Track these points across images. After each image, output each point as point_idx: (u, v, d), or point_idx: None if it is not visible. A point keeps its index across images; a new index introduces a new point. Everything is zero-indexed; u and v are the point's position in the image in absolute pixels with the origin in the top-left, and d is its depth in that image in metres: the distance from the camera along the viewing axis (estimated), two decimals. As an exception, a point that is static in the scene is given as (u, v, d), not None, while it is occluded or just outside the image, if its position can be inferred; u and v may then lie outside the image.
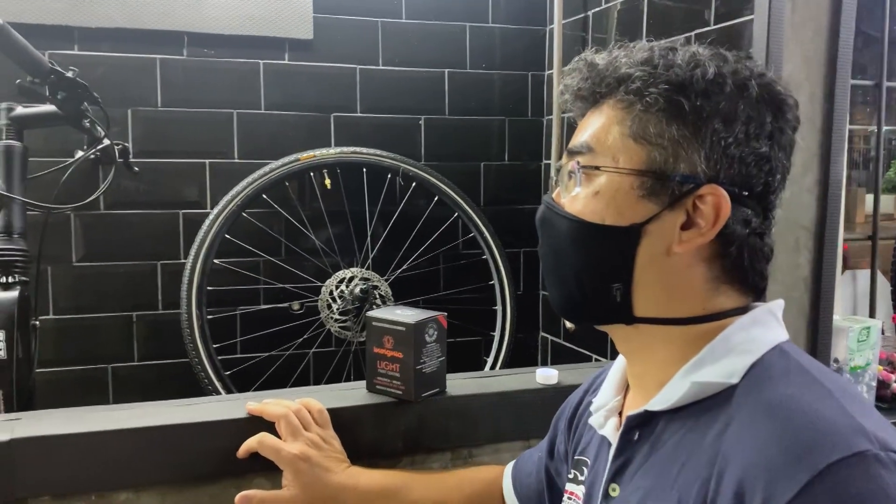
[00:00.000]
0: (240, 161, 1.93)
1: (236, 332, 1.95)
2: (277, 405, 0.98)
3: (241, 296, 1.94)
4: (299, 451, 0.92)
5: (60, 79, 1.33)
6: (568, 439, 0.83)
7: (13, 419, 0.99)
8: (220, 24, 1.88)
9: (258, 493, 0.93)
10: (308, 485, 0.92)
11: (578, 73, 0.70)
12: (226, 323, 1.92)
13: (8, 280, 1.31)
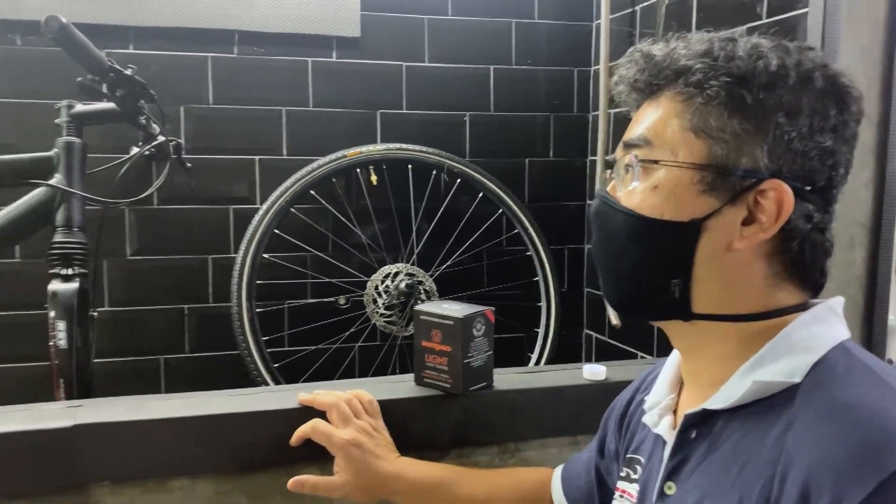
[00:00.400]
0: (288, 157, 1.96)
1: (284, 325, 1.98)
2: (328, 395, 1.00)
3: (288, 290, 1.97)
4: (351, 438, 0.94)
5: (119, 77, 1.37)
6: (619, 438, 0.82)
7: (75, 406, 1.02)
8: (269, 22, 1.91)
9: (311, 477, 0.95)
10: (360, 471, 0.93)
11: (635, 64, 0.69)
12: (274, 316, 1.96)
13: (68, 272, 1.36)
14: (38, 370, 1.83)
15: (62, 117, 1.44)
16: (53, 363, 1.32)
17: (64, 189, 1.38)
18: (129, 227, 1.88)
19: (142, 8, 1.83)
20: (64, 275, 1.35)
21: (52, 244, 1.37)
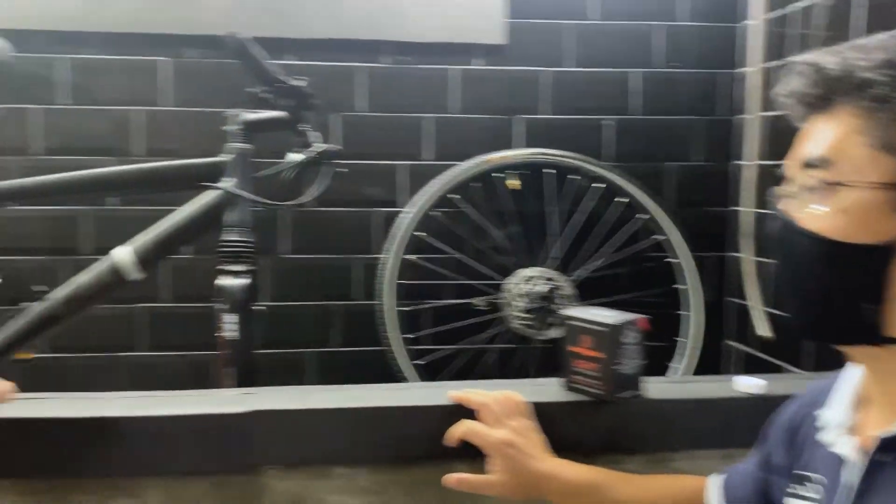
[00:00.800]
0: (431, 162, 2.02)
1: (424, 324, 2.04)
2: (481, 394, 1.04)
3: (428, 290, 2.04)
4: (506, 438, 0.97)
5: (288, 88, 1.48)
6: (786, 452, 0.80)
7: (248, 393, 1.11)
8: (418, 32, 1.98)
9: (469, 476, 0.99)
10: (515, 470, 0.96)
11: (802, 76, 0.66)
12: (414, 315, 2.03)
13: (236, 269, 1.47)
14: (197, 358, 2.00)
15: (232, 125, 1.56)
16: (221, 353, 1.43)
17: (234, 192, 1.50)
18: (283, 228, 2.00)
19: (300, 22, 1.95)
20: (232, 271, 1.46)
21: (222, 242, 1.49)
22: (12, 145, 1.91)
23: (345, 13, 1.96)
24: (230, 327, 1.42)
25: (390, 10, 1.96)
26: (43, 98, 1.93)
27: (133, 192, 1.82)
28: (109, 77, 1.95)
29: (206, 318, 1.98)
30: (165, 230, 1.48)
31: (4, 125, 1.91)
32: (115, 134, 1.95)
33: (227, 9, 1.91)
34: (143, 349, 2.02)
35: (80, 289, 1.48)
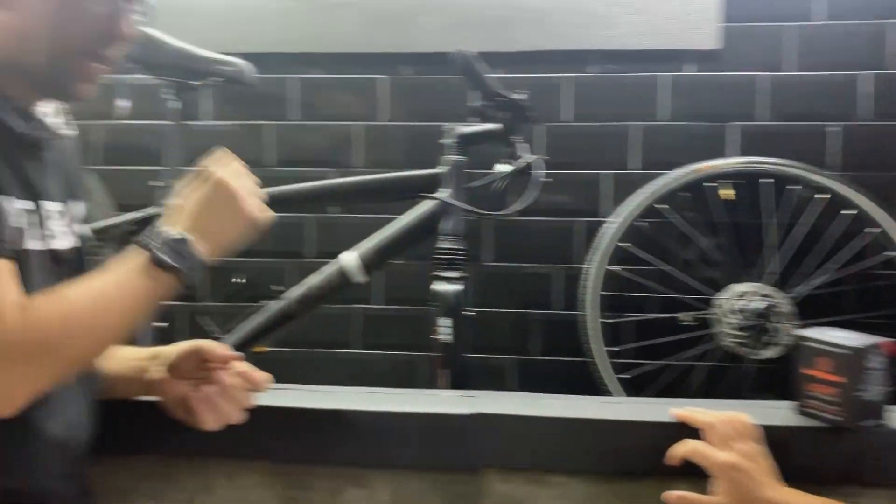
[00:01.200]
0: (636, 171, 1.99)
1: (628, 337, 2.01)
2: (706, 414, 1.00)
3: (631, 303, 2.00)
4: (733, 461, 0.93)
5: (506, 101, 1.52)
6: None
7: (470, 396, 1.15)
8: (626, 40, 1.96)
9: (691, 495, 0.96)
10: (741, 495, 0.92)
11: None
12: (618, 328, 2.00)
13: (451, 275, 1.53)
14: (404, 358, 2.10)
15: (449, 138, 1.63)
16: (437, 355, 1.50)
17: (448, 202, 1.56)
18: (487, 237, 2.06)
19: (509, 36, 2.00)
20: (447, 277, 1.53)
21: (437, 250, 1.56)
22: (249, 157, 2.10)
23: (552, 25, 1.98)
24: (445, 331, 1.48)
25: (598, 19, 1.96)
26: (275, 114, 2.12)
27: (356, 202, 1.95)
28: (333, 94, 2.11)
29: (413, 321, 2.10)
30: (388, 237, 1.58)
31: (243, 139, 2.12)
32: (337, 147, 2.11)
33: (440, 27, 2.01)
34: (358, 347, 2.15)
35: (311, 289, 1.61)
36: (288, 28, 2.06)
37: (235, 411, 0.94)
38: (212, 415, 0.93)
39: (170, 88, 1.80)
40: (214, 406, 0.93)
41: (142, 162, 2.12)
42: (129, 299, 0.82)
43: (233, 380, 0.94)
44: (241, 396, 0.94)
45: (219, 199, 0.88)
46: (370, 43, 2.05)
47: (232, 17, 2.06)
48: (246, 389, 0.95)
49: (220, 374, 0.95)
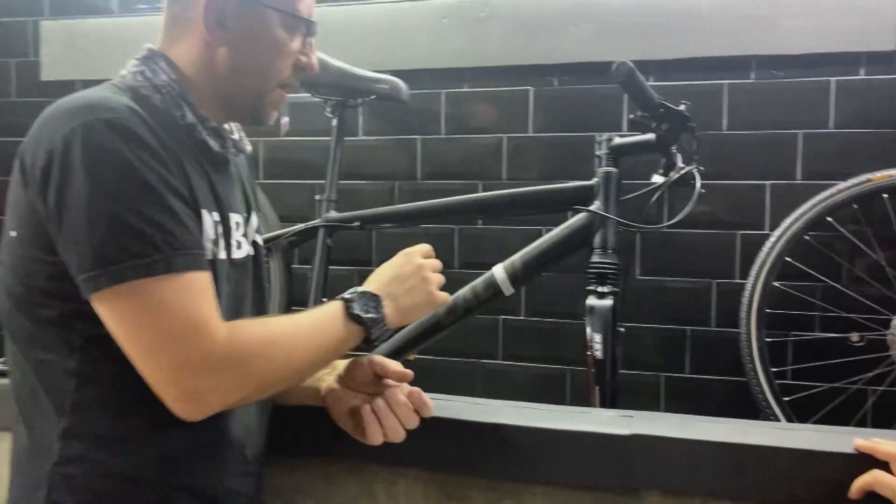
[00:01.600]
0: (802, 182, 1.88)
1: (788, 357, 1.90)
2: (891, 445, 0.93)
3: (795, 321, 1.89)
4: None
5: (668, 112, 1.48)
6: None
7: (627, 416, 1.12)
8: (789, 44, 1.86)
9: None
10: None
11: None
12: (777, 347, 1.89)
13: (604, 290, 1.50)
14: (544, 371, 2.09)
15: (602, 149, 1.61)
16: (590, 371, 1.47)
17: (602, 215, 1.54)
18: (638, 249, 2.01)
19: (661, 43, 1.94)
20: (600, 292, 1.50)
21: (590, 264, 1.54)
22: (402, 171, 2.19)
23: (709, 31, 1.91)
24: (597, 347, 1.46)
25: (760, 23, 1.87)
26: (423, 129, 2.18)
27: (507, 215, 1.96)
28: (480, 107, 2.13)
29: (553, 334, 2.08)
30: (539, 250, 1.57)
31: (397, 153, 2.19)
32: (484, 160, 2.13)
33: (590, 37, 1.98)
34: (500, 358, 2.16)
35: (460, 300, 1.63)
36: (437, 44, 2.11)
37: (400, 429, 0.96)
38: (377, 429, 0.95)
39: (331, 107, 1.89)
40: (381, 421, 0.95)
41: (301, 176, 2.24)
42: (323, 341, 0.90)
43: (403, 398, 0.97)
44: (408, 416, 0.96)
45: (414, 279, 0.99)
46: (518, 55, 2.05)
47: (384, 36, 2.13)
48: (413, 411, 0.97)
49: (392, 391, 0.97)
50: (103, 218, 0.78)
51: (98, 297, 0.79)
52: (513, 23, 2.04)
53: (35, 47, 2.47)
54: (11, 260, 0.86)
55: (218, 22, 0.93)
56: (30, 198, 0.82)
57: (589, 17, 1.99)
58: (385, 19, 2.14)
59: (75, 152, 0.78)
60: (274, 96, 0.98)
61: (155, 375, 0.80)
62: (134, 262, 0.77)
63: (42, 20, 2.45)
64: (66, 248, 0.80)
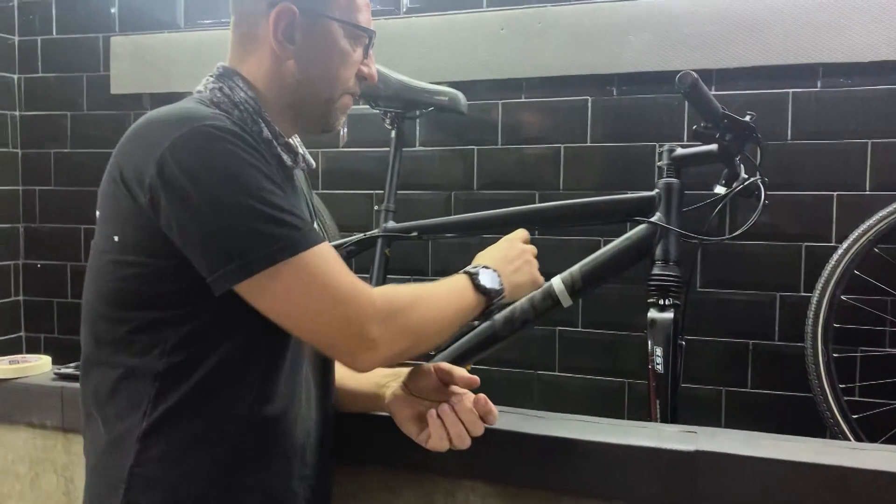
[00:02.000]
0: (871, 193, 1.82)
1: (857, 374, 1.84)
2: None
3: (864, 336, 1.83)
4: None
5: (732, 123, 1.46)
6: None
7: (690, 432, 1.11)
8: (857, 52, 1.81)
9: None
10: None
11: None
12: (845, 363, 1.83)
13: (665, 302, 1.48)
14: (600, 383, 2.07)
15: (663, 160, 1.59)
16: (651, 385, 1.45)
17: (664, 226, 1.52)
18: (700, 261, 1.97)
19: (723, 52, 1.91)
20: (661, 305, 1.48)
21: (651, 276, 1.52)
22: (458, 181, 2.20)
23: (774, 39, 1.86)
24: (658, 360, 1.44)
25: (827, 31, 1.82)
26: (480, 139, 2.18)
27: (566, 226, 1.95)
28: (536, 117, 2.12)
29: (611, 346, 2.06)
30: (599, 262, 1.56)
31: (454, 164, 2.20)
32: (540, 170, 2.12)
33: (650, 46, 1.96)
34: (556, 369, 2.15)
35: (517, 312, 1.62)
36: (495, 55, 2.11)
37: (466, 436, 0.96)
38: (443, 435, 0.96)
39: (390, 118, 1.92)
40: (447, 428, 0.96)
41: (359, 186, 2.27)
42: (457, 304, 0.98)
43: (469, 405, 0.97)
44: (474, 423, 0.97)
45: (519, 261, 1.07)
46: (576, 65, 2.04)
47: (442, 47, 2.15)
48: (479, 417, 0.97)
49: (458, 398, 0.98)
50: (240, 210, 0.82)
51: (251, 283, 0.82)
52: (570, 33, 2.03)
53: (105, 62, 2.56)
54: (105, 265, 0.89)
55: (286, 36, 0.97)
56: (137, 206, 0.85)
57: (649, 26, 1.96)
58: (443, 31, 2.15)
59: (191, 156, 0.82)
60: (342, 103, 1.03)
61: (329, 336, 0.87)
62: (281, 244, 0.82)
63: (112, 36, 2.55)
64: (198, 246, 0.83)
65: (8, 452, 1.45)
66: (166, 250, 0.84)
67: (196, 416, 0.88)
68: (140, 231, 0.85)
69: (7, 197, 2.67)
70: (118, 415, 0.89)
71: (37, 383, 1.40)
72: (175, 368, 0.87)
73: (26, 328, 2.73)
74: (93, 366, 0.92)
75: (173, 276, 0.85)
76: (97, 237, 0.92)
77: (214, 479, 0.89)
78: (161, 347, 0.87)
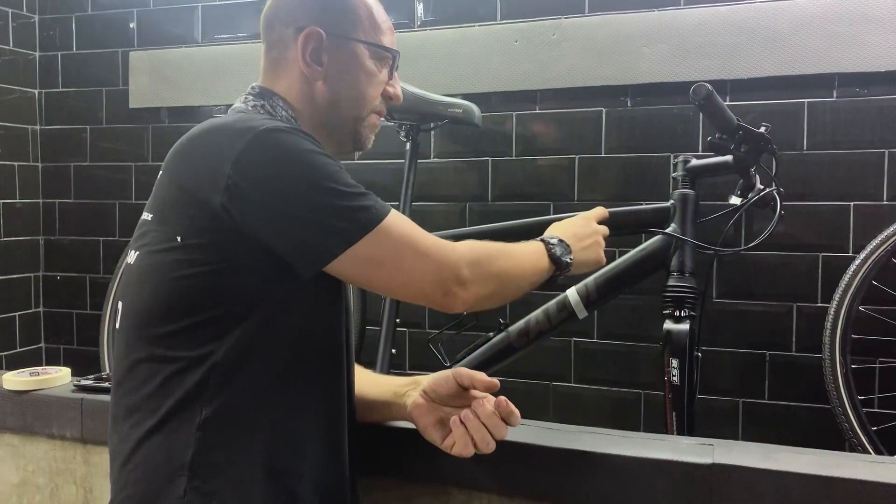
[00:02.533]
0: (889, 203, 1.81)
1: (875, 385, 1.82)
2: None
3: (881, 347, 1.81)
4: None
5: (748, 134, 1.46)
6: None
7: (707, 444, 1.10)
8: (873, 61, 1.80)
9: None
10: None
11: None
12: (864, 374, 1.82)
13: (680, 314, 1.48)
14: (614, 395, 2.07)
15: (678, 171, 1.59)
16: (667, 397, 1.45)
17: (679, 237, 1.52)
18: (715, 271, 1.96)
19: (738, 63, 1.91)
20: (676, 316, 1.48)
21: (667, 287, 1.52)
22: (473, 192, 2.20)
23: (788, 49, 1.86)
24: (675, 372, 1.43)
25: (842, 40, 1.82)
26: (496, 150, 2.19)
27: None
28: (550, 129, 2.13)
29: (627, 357, 2.06)
30: (615, 273, 1.56)
31: (468, 175, 2.21)
32: (554, 181, 2.12)
33: (665, 57, 1.96)
34: (572, 381, 2.14)
35: (532, 323, 1.63)
36: (509, 67, 2.12)
37: (490, 440, 0.96)
38: (467, 441, 0.96)
39: (405, 131, 1.93)
40: (471, 433, 0.96)
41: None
42: (533, 264, 1.07)
43: (491, 408, 0.97)
44: (497, 426, 0.97)
45: (589, 240, 1.18)
46: (590, 76, 2.05)
47: (456, 60, 2.16)
48: (501, 420, 0.97)
49: (480, 402, 0.98)
50: (327, 193, 0.88)
51: (350, 254, 0.89)
52: (585, 45, 2.04)
53: (124, 77, 2.60)
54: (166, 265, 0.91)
55: (314, 58, 1.02)
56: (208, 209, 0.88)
57: (663, 37, 1.97)
58: (457, 44, 2.17)
59: (267, 153, 0.88)
60: (370, 121, 1.08)
61: (424, 284, 0.94)
62: (367, 214, 0.90)
63: (131, 51, 2.58)
64: (288, 234, 0.88)
65: (28, 464, 1.47)
66: (236, 250, 0.88)
67: (254, 402, 0.91)
68: (207, 233, 0.89)
69: (27, 210, 2.71)
70: (174, 406, 0.90)
71: (57, 395, 1.41)
72: (234, 357, 0.90)
73: (46, 339, 2.76)
74: (142, 361, 0.93)
75: (238, 275, 0.89)
76: (150, 239, 0.94)
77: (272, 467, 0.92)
78: (220, 342, 0.89)
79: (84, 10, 2.66)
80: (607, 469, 1.06)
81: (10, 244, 2.64)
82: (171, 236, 0.91)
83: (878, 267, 1.69)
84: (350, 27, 1.03)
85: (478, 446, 0.96)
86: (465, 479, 1.11)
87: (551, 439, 1.10)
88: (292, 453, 0.94)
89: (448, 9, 2.20)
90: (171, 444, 0.90)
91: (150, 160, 2.59)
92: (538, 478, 1.09)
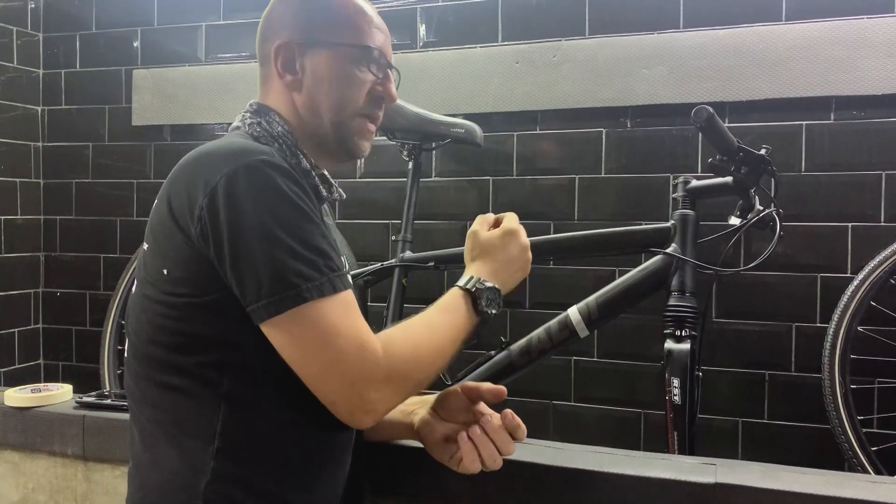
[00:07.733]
0: (886, 224, 1.83)
1: (874, 405, 1.83)
2: None
3: (880, 367, 1.82)
4: None
5: (747, 156, 1.47)
6: None
7: (709, 463, 1.11)
8: (870, 85, 1.83)
9: None
10: None
11: None
12: (863, 395, 1.82)
13: (681, 333, 1.49)
14: (615, 413, 2.07)
15: (678, 191, 1.60)
16: (668, 416, 1.45)
17: (679, 257, 1.53)
18: (715, 291, 1.98)
19: (737, 85, 1.93)
20: (677, 335, 1.49)
21: (667, 307, 1.52)
22: (474, 211, 2.19)
23: (786, 72, 1.89)
24: (676, 391, 1.44)
25: (839, 64, 1.84)
26: (497, 170, 2.20)
27: (582, 256, 1.96)
28: (551, 149, 2.15)
29: (627, 376, 2.06)
30: (616, 293, 1.57)
31: (470, 194, 2.22)
32: (554, 201, 2.14)
33: (664, 79, 1.99)
34: (572, 399, 2.14)
35: (534, 342, 1.63)
36: (510, 88, 2.14)
37: (497, 456, 0.96)
38: (475, 457, 0.96)
39: (407, 150, 1.94)
40: (478, 449, 0.96)
41: (377, 216, 2.30)
42: (456, 333, 0.97)
43: (499, 423, 0.97)
44: (505, 442, 0.97)
45: (520, 261, 1.05)
46: (591, 97, 2.07)
47: (458, 80, 2.18)
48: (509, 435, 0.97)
49: (487, 418, 0.97)
50: (275, 247, 0.83)
51: (274, 322, 0.83)
52: (585, 66, 2.07)
53: (127, 94, 2.62)
54: (161, 297, 0.90)
55: (287, 69, 1.01)
56: (187, 238, 0.87)
57: (663, 59, 1.99)
58: (459, 64, 2.19)
59: (242, 189, 0.84)
60: (354, 126, 1.03)
61: (332, 392, 0.86)
62: (308, 286, 0.83)
63: (134, 69, 2.60)
64: (237, 278, 0.84)
65: (28, 481, 1.46)
66: (217, 283, 0.86)
67: (263, 433, 0.90)
68: (191, 263, 0.87)
69: (29, 226, 2.71)
70: (188, 435, 0.90)
71: (59, 412, 1.41)
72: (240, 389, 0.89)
73: (45, 356, 2.76)
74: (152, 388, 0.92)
75: (227, 308, 0.86)
76: (146, 269, 0.93)
77: (282, 497, 0.91)
78: (225, 372, 0.88)
79: (88, 28, 2.68)
80: (612, 488, 1.06)
81: (10, 260, 2.64)
82: (160, 268, 0.90)
83: (876, 287, 1.70)
84: (321, 31, 1.01)
85: (485, 462, 0.96)
86: (466, 498, 1.11)
87: (556, 458, 1.11)
88: (305, 479, 0.93)
89: (450, 30, 2.23)
90: (188, 473, 0.89)
91: (152, 177, 2.60)
92: (539, 496, 1.09)
